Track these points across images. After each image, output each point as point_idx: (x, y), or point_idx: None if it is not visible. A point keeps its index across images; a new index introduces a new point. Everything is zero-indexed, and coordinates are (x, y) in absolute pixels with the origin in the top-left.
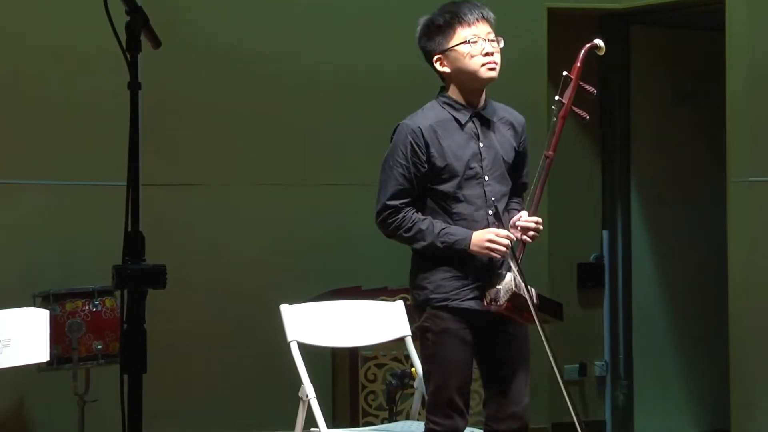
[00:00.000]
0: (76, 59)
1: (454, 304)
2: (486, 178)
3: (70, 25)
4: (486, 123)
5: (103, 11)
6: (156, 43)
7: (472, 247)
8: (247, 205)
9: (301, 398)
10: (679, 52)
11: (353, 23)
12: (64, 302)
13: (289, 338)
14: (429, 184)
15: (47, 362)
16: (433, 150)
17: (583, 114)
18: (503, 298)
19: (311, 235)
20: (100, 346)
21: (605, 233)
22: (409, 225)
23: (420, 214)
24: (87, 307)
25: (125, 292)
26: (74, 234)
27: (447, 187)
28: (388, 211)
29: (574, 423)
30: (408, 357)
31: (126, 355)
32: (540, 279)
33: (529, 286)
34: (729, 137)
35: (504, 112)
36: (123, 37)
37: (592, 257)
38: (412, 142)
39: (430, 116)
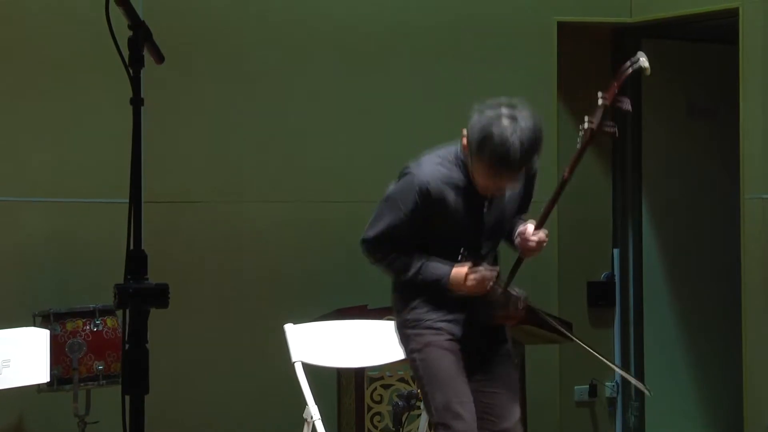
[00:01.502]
0: (78, 74)
1: (432, 324)
2: (483, 238)
3: (73, 40)
4: None
5: (106, 27)
6: (159, 58)
7: (453, 285)
8: (251, 222)
9: (306, 420)
10: (691, 66)
11: (358, 36)
12: (64, 322)
13: (294, 359)
14: (424, 233)
15: (47, 383)
16: (436, 208)
17: (611, 130)
18: (496, 311)
19: (316, 253)
20: (101, 367)
21: (616, 251)
22: (393, 257)
23: (404, 249)
24: (88, 327)
25: (127, 311)
26: (75, 252)
27: (441, 241)
28: (372, 244)
29: None
30: (415, 377)
31: (128, 376)
32: (550, 298)
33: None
34: (743, 153)
35: None
36: (126, 53)
37: (602, 276)
38: (417, 200)
39: (442, 173)
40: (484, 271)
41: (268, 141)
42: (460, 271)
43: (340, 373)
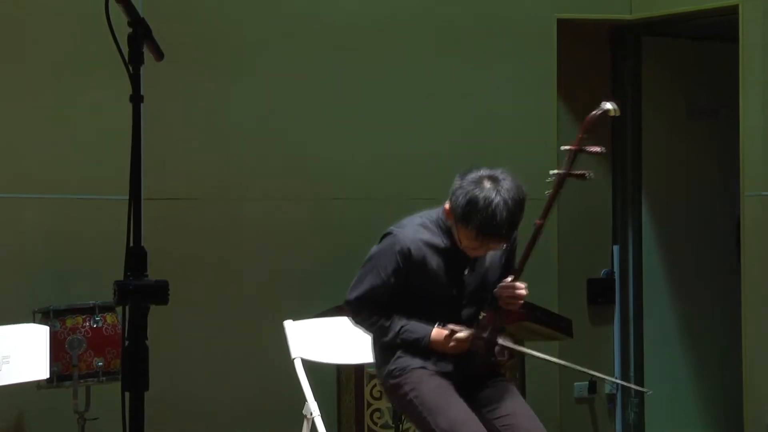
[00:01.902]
0: (78, 71)
1: (420, 365)
2: (464, 302)
3: (72, 36)
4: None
5: (106, 24)
6: (159, 55)
7: (434, 346)
8: (251, 219)
9: (305, 416)
10: (692, 64)
11: (358, 33)
12: (64, 318)
13: (293, 355)
14: (405, 294)
15: (47, 379)
16: (416, 272)
17: (583, 173)
18: (476, 361)
19: (316, 249)
20: (101, 363)
21: (616, 248)
22: (374, 320)
23: (386, 311)
24: (88, 324)
25: (127, 308)
26: (75, 249)
27: (422, 303)
28: (353, 306)
29: None
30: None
31: (127, 372)
32: (549, 295)
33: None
34: (743, 150)
35: None
36: (125, 50)
37: (602, 273)
38: (399, 261)
39: (423, 235)
40: (464, 333)
41: (269, 138)
42: (440, 332)
43: (340, 369)
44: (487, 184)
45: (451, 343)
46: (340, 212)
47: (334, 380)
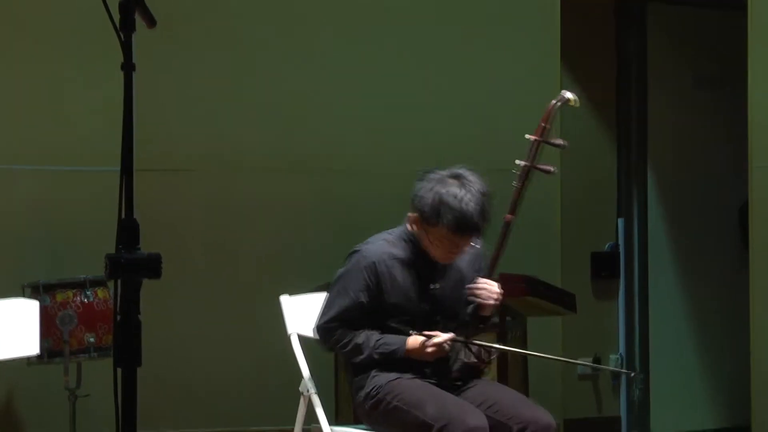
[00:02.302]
0: (69, 38)
1: (396, 377)
2: (437, 317)
3: (62, 3)
4: (445, 264)
5: None
6: (151, 22)
7: (411, 354)
8: (247, 191)
9: (302, 393)
10: (699, 32)
11: (357, 4)
12: (54, 293)
13: (290, 331)
14: (376, 313)
15: (37, 355)
16: (384, 286)
17: (548, 168)
18: (451, 367)
19: (314, 222)
20: (92, 339)
21: (620, 221)
22: (347, 340)
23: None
24: (78, 298)
25: (119, 282)
26: (65, 221)
27: (394, 322)
28: (325, 331)
29: (584, 419)
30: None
31: (120, 348)
32: (552, 269)
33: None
34: (751, 121)
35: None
36: (117, 17)
37: (606, 246)
38: (366, 277)
39: (387, 250)
40: (440, 337)
41: (266, 109)
42: (416, 339)
43: None
44: (452, 182)
45: (429, 349)
46: (339, 185)
47: (331, 357)
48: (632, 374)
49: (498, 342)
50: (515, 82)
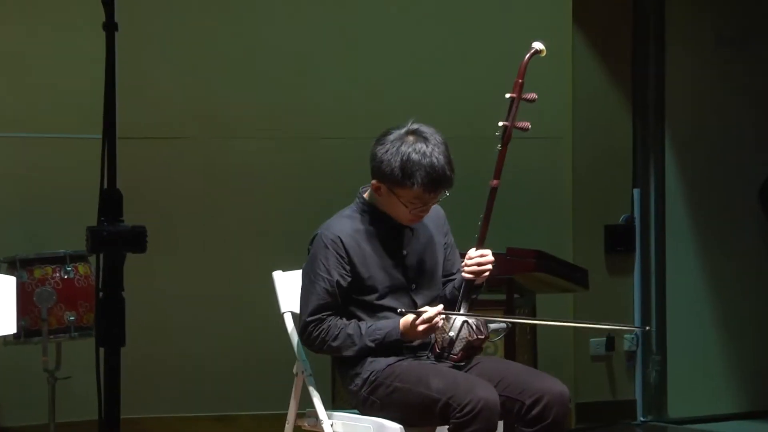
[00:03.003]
0: None
1: (392, 361)
2: (413, 287)
3: None
4: (410, 229)
5: None
6: None
7: (404, 336)
8: (237, 160)
9: (296, 375)
10: None
11: None
12: (32, 268)
13: (283, 309)
14: (352, 294)
15: (14, 335)
16: (355, 259)
17: (524, 125)
18: (457, 347)
19: (308, 193)
20: (72, 318)
21: (636, 192)
22: (336, 333)
23: (344, 319)
24: (58, 274)
25: (101, 256)
26: (44, 192)
27: (371, 297)
28: (311, 326)
29: (597, 402)
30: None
31: (102, 327)
32: (563, 243)
33: (481, 324)
34: None
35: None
36: None
37: (621, 218)
38: (334, 253)
39: (348, 225)
40: (429, 312)
41: (256, 74)
42: (407, 319)
43: None
44: (412, 138)
45: (421, 327)
46: (337, 153)
47: None
48: (647, 328)
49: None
50: (525, 42)
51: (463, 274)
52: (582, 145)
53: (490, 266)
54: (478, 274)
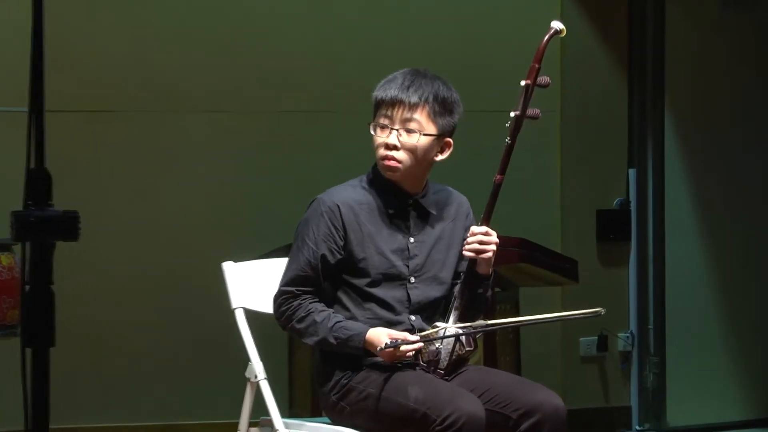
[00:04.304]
0: None
1: (371, 362)
2: (411, 280)
3: None
4: (423, 214)
5: None
6: None
7: (369, 348)
8: (183, 136)
9: (249, 379)
10: None
11: None
12: None
13: (234, 305)
14: (342, 274)
15: None
16: (351, 235)
17: (535, 113)
18: (444, 362)
19: (265, 174)
20: None
21: (632, 172)
22: (303, 314)
23: (321, 305)
24: None
25: (27, 245)
26: None
27: (361, 282)
28: (283, 297)
29: (588, 409)
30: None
31: (29, 325)
32: (550, 230)
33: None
34: None
35: (448, 199)
36: None
37: (615, 203)
38: (328, 222)
39: (353, 196)
40: (409, 345)
41: (207, 38)
42: (379, 332)
43: None
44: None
45: (385, 351)
46: (297, 128)
47: (285, 336)
48: (601, 311)
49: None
50: (511, 4)
51: (464, 251)
52: (571, 121)
53: (494, 246)
54: (479, 252)
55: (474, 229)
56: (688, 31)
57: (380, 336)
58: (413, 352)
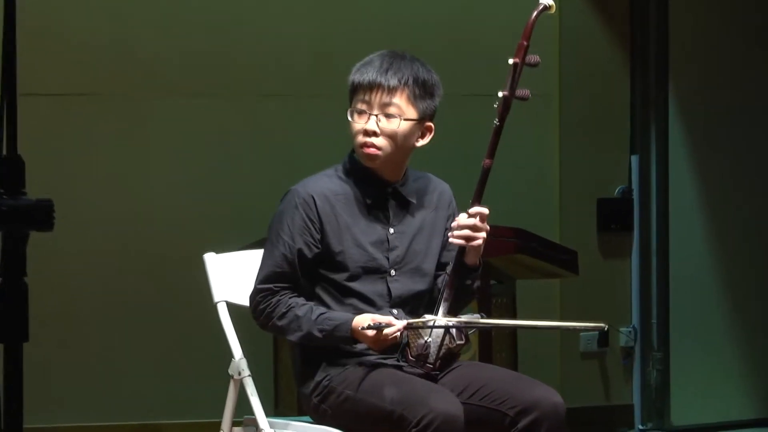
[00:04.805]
0: None
1: (354, 362)
2: (392, 273)
3: None
4: (403, 204)
5: None
6: None
7: (357, 336)
8: (160, 121)
9: (232, 376)
10: None
11: None
12: None
13: (216, 298)
14: (319, 269)
15: None
16: (327, 227)
17: (524, 94)
18: (433, 356)
19: (247, 160)
20: None
21: (634, 159)
22: (284, 310)
23: (302, 299)
24: None
25: None
26: None
27: (340, 277)
28: (260, 295)
29: (588, 408)
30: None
31: (1, 320)
32: (548, 220)
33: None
34: None
35: (428, 187)
36: None
37: (617, 191)
38: (303, 215)
39: (328, 186)
40: (393, 327)
41: (186, 19)
42: (360, 320)
43: None
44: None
45: (369, 335)
46: (278, 112)
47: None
48: (605, 327)
49: (478, 312)
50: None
51: (452, 239)
52: (570, 104)
53: (484, 234)
54: (469, 240)
55: (463, 215)
56: (694, 9)
57: (365, 321)
58: (398, 334)
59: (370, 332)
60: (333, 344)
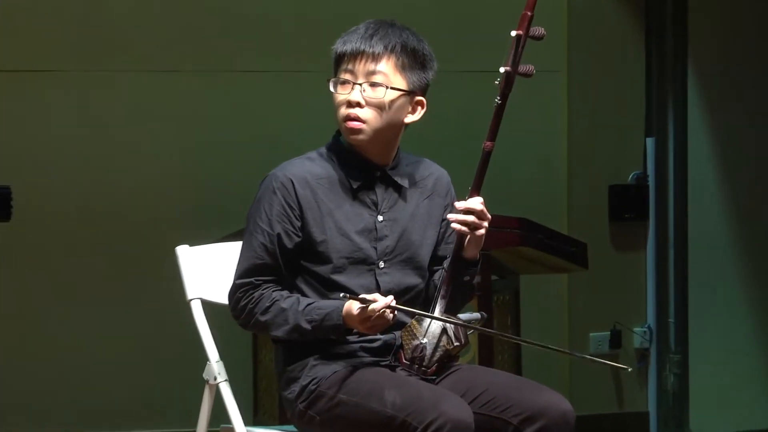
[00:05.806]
0: None
1: (344, 363)
2: (381, 265)
3: None
4: (394, 188)
5: None
6: None
7: (349, 323)
8: (130, 100)
9: (207, 381)
10: None
11: None
12: None
13: (190, 295)
14: (300, 260)
15: None
16: (308, 214)
17: (528, 70)
18: (429, 358)
19: (224, 143)
20: None
21: (650, 142)
22: (267, 304)
23: (286, 291)
24: None
25: None
26: None
27: (323, 269)
28: (241, 290)
29: (599, 415)
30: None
31: None
32: (556, 209)
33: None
34: None
35: (423, 172)
36: None
37: (630, 177)
38: (282, 200)
39: (309, 169)
40: (379, 302)
41: None
42: (351, 304)
43: None
44: None
45: (359, 316)
46: (259, 90)
47: (249, 334)
48: (629, 369)
49: (478, 311)
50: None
51: (453, 225)
52: (579, 82)
53: (486, 223)
54: (473, 227)
55: (472, 199)
56: None
57: (356, 305)
58: (389, 313)
59: (356, 309)
60: (324, 336)
